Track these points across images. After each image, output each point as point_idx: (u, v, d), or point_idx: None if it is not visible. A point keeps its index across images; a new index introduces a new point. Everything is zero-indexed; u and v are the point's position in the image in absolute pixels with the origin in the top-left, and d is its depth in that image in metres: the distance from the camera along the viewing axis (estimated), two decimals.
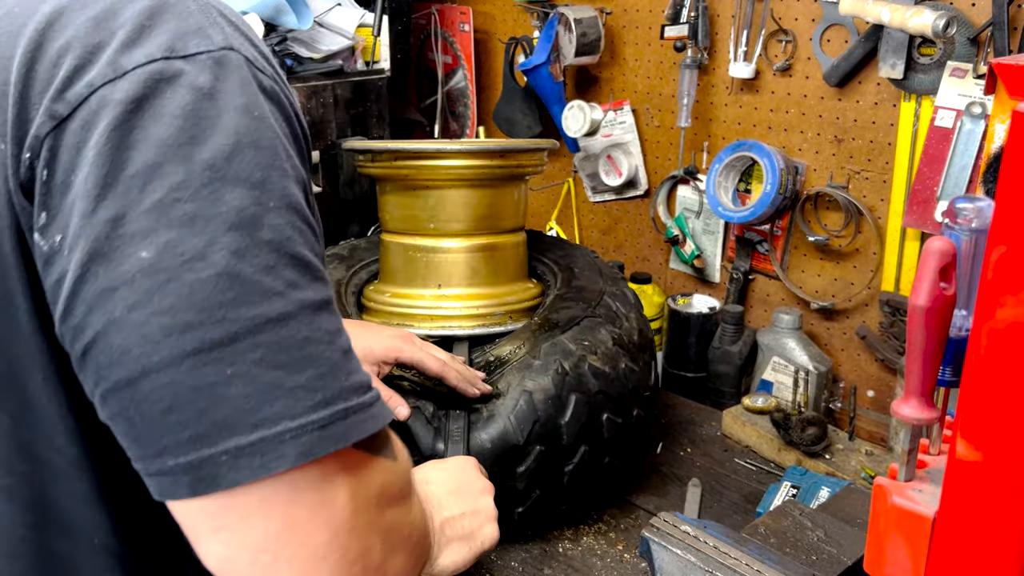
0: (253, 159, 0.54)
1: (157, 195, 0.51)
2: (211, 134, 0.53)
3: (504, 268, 1.34)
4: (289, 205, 0.55)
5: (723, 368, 1.63)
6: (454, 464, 0.91)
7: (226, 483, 0.50)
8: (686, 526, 0.98)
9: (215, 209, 0.51)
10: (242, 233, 0.52)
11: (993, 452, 0.53)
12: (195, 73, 0.53)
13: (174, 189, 0.51)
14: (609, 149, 1.85)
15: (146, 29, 0.54)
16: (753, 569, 0.91)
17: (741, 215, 1.59)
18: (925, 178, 1.37)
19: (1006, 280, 0.50)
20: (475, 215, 1.30)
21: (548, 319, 1.24)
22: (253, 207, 0.53)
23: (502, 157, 1.29)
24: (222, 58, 0.55)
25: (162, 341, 0.50)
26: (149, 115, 0.52)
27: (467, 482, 0.88)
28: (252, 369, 0.51)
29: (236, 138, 0.53)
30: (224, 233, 0.51)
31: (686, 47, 1.62)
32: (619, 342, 1.23)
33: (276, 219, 0.54)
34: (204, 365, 0.50)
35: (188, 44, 0.54)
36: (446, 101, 2.15)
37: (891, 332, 1.50)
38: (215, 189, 0.52)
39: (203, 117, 0.53)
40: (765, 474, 1.39)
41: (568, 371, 1.14)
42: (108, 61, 0.53)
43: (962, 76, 1.31)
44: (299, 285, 0.53)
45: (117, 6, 0.55)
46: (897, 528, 0.60)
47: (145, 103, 0.52)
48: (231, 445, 0.50)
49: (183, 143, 0.52)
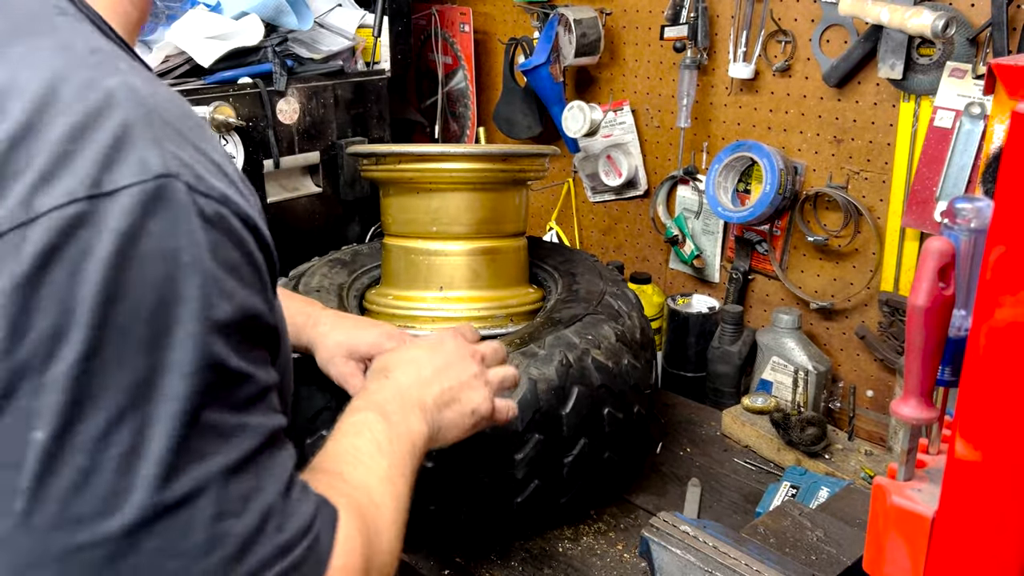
0: (182, 313, 0.48)
1: (58, 368, 0.45)
2: (130, 289, 0.47)
3: (506, 271, 1.35)
4: (209, 365, 0.49)
5: (723, 368, 1.64)
6: (435, 339, 0.92)
7: None
8: (686, 526, 0.98)
9: (123, 380, 0.46)
10: (150, 410, 0.47)
11: (992, 452, 0.53)
12: (120, 215, 0.47)
13: (78, 360, 0.45)
14: (609, 149, 1.85)
15: (70, 155, 0.47)
16: (752, 569, 0.91)
17: (740, 215, 1.59)
18: (924, 178, 1.37)
19: (1005, 280, 0.50)
20: (477, 218, 1.31)
21: (551, 318, 1.25)
22: (163, 378, 0.47)
23: (504, 161, 1.30)
24: (156, 191, 0.48)
25: (49, 533, 0.45)
26: (60, 271, 0.45)
27: (442, 358, 0.89)
28: (153, 560, 0.46)
29: (159, 292, 0.47)
30: (131, 410, 0.46)
31: (686, 47, 1.63)
32: (622, 338, 1.24)
33: (186, 388, 0.48)
34: (97, 561, 0.46)
35: (118, 175, 0.47)
36: (446, 102, 2.15)
37: (890, 332, 1.50)
38: (125, 357, 0.46)
39: (122, 268, 0.46)
40: (764, 474, 1.39)
41: (572, 363, 1.15)
42: (20, 200, 0.46)
43: (961, 76, 1.31)
44: (203, 457, 0.49)
45: (39, 121, 0.48)
46: (896, 528, 0.60)
47: (57, 255, 0.45)
48: None
49: (96, 301, 0.46)
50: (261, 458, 0.53)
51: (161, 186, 0.48)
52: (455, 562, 1.17)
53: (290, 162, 1.63)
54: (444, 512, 1.14)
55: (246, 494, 0.51)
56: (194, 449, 0.48)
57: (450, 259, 1.31)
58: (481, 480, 1.12)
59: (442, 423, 0.85)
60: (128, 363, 0.47)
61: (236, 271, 0.52)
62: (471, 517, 1.15)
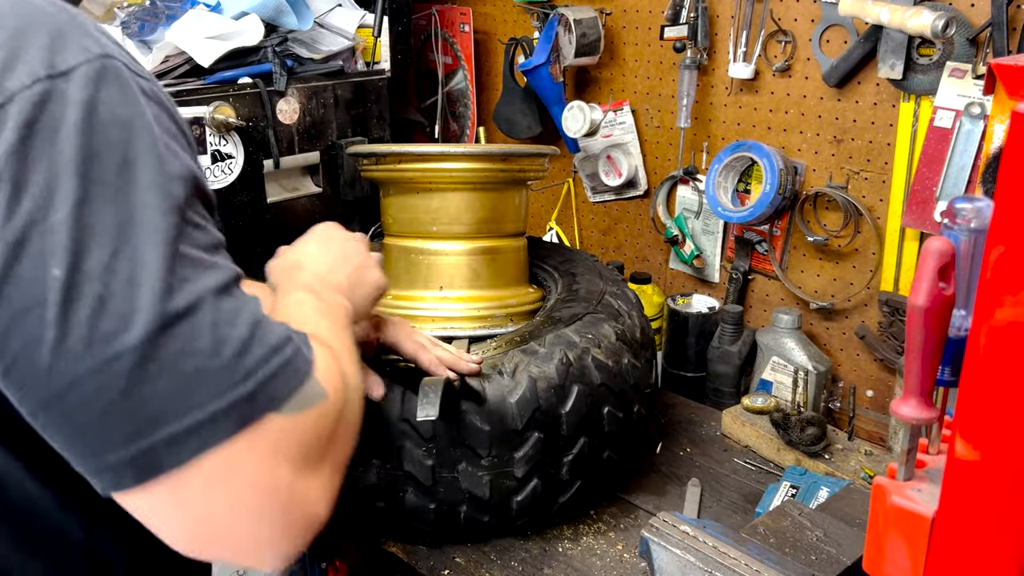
0: (144, 166, 0.57)
1: (59, 214, 0.54)
2: (100, 148, 0.55)
3: (505, 271, 1.35)
4: (175, 207, 0.58)
5: (722, 368, 1.64)
6: (320, 235, 1.00)
7: (167, 466, 0.54)
8: (685, 526, 0.98)
9: (112, 220, 0.55)
10: (138, 242, 0.55)
11: (992, 452, 0.53)
12: (78, 88, 0.56)
13: (74, 207, 0.54)
14: (609, 149, 1.85)
15: (21, 48, 0.56)
16: (752, 569, 0.91)
17: (740, 215, 1.59)
18: (924, 178, 1.37)
19: (1005, 280, 0.50)
20: (477, 218, 1.31)
21: (551, 317, 1.25)
22: (142, 216, 0.56)
23: (504, 161, 1.30)
24: (102, 68, 0.58)
25: (83, 353, 0.53)
26: (41, 137, 0.54)
27: (338, 248, 0.97)
28: (173, 362, 0.54)
29: (123, 150, 0.56)
30: (124, 243, 0.55)
31: (686, 47, 1.63)
32: (622, 338, 1.24)
33: (163, 223, 0.57)
34: (127, 368, 0.53)
35: (69, 56, 0.57)
36: (446, 102, 2.15)
37: (890, 332, 1.50)
38: (109, 202, 0.55)
39: (90, 133, 0.55)
40: (764, 474, 1.39)
41: (572, 362, 1.15)
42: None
43: (961, 76, 1.31)
44: (191, 279, 0.57)
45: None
46: (896, 528, 0.60)
47: (36, 124, 0.54)
48: (166, 434, 0.54)
49: (77, 160, 0.55)
50: (236, 290, 0.61)
51: (105, 64, 0.58)
52: (455, 562, 1.17)
53: (290, 162, 1.63)
54: (444, 512, 1.14)
55: (234, 310, 0.59)
56: (182, 274, 0.56)
57: (450, 259, 1.31)
58: (480, 479, 1.12)
59: (355, 301, 0.93)
60: (112, 206, 0.55)
61: (175, 138, 0.61)
62: (471, 517, 1.15)
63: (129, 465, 0.55)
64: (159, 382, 0.54)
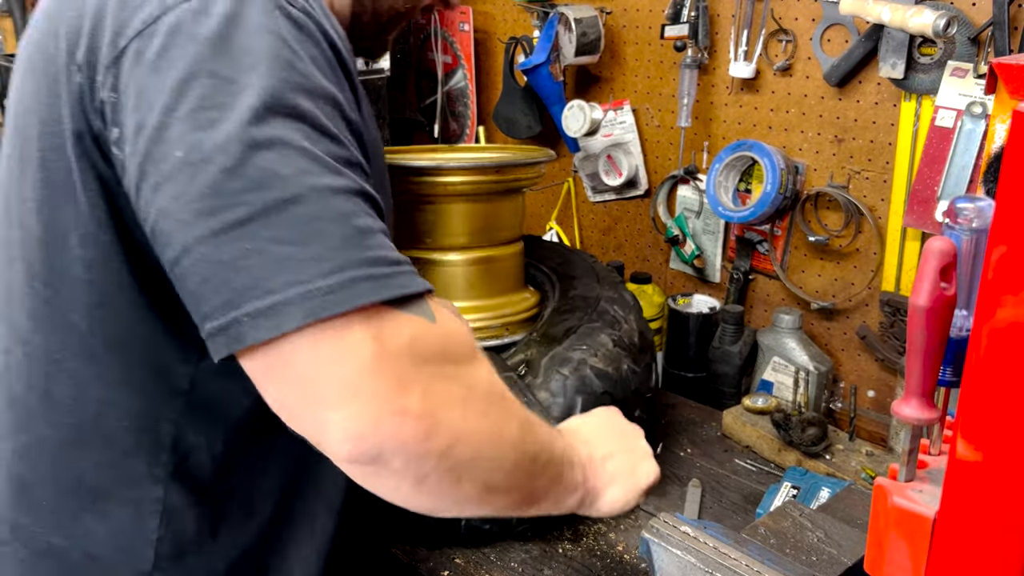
0: (267, 71, 0.62)
1: (189, 105, 0.60)
2: (232, 51, 0.62)
3: (501, 280, 1.33)
4: (302, 114, 0.62)
5: (723, 368, 1.63)
6: (600, 412, 0.95)
7: (250, 339, 0.59)
8: (686, 527, 0.98)
9: (232, 113, 0.60)
10: (254, 129, 0.60)
11: (993, 452, 0.53)
12: (223, 3, 0.63)
13: (200, 99, 0.61)
14: (609, 149, 1.85)
15: None
16: (753, 570, 0.91)
17: (741, 215, 1.59)
18: (925, 178, 1.37)
19: (1006, 280, 0.50)
20: (472, 229, 1.29)
21: (546, 334, 1.23)
22: (265, 111, 0.61)
23: (498, 172, 1.28)
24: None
25: (194, 223, 0.59)
26: (185, 40, 0.62)
27: (617, 425, 0.93)
28: (266, 244, 0.59)
29: (254, 55, 0.62)
30: (238, 130, 0.60)
31: (686, 47, 1.62)
32: (620, 344, 1.23)
33: (288, 123, 0.61)
34: (226, 242, 0.59)
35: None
36: (446, 101, 2.15)
37: (891, 332, 1.50)
38: (234, 97, 0.61)
39: (226, 38, 0.62)
40: (765, 474, 1.39)
41: (568, 375, 1.14)
42: (158, 1, 0.64)
43: (962, 76, 1.31)
44: (310, 172, 0.61)
45: None
46: (897, 528, 0.60)
47: (182, 31, 0.62)
48: (251, 308, 0.58)
49: (208, 59, 0.61)
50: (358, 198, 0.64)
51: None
52: (455, 563, 1.17)
53: None
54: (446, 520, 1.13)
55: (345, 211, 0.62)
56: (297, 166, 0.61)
57: (445, 270, 1.30)
58: None
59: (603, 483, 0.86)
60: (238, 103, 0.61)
61: (315, 61, 0.66)
62: (472, 525, 1.15)
63: (221, 334, 0.60)
64: (251, 260, 0.58)
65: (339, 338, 0.59)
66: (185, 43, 0.62)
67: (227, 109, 0.60)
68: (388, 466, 0.60)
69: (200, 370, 0.75)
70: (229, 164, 0.59)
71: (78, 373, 0.73)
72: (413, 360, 0.61)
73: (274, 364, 0.60)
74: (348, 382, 0.58)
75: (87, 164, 0.67)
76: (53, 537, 0.76)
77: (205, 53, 0.61)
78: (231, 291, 0.58)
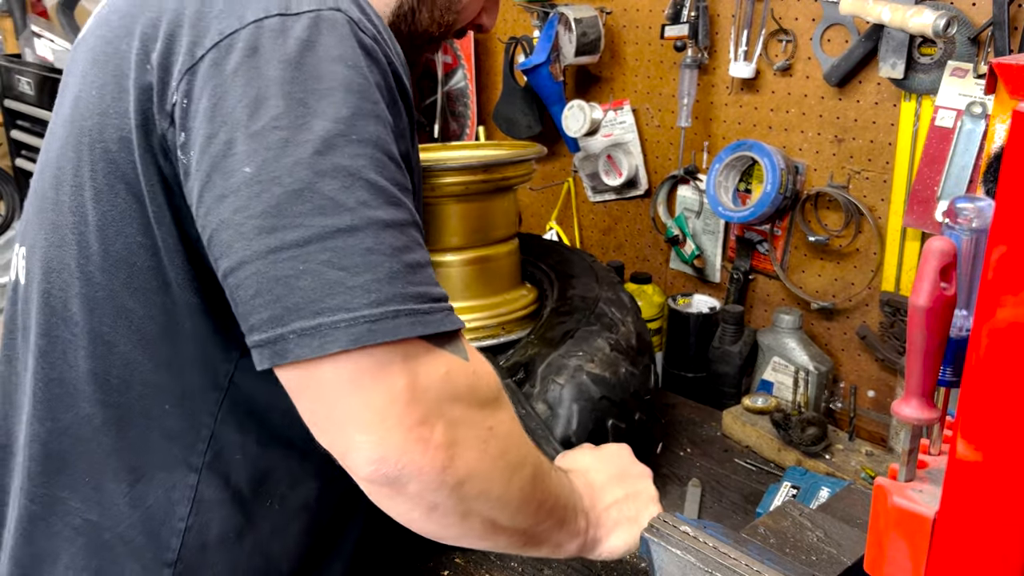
0: (342, 99, 0.64)
1: (260, 123, 0.63)
2: (307, 77, 0.64)
3: (496, 279, 1.33)
4: (370, 140, 0.65)
5: (723, 368, 1.63)
6: (610, 451, 0.95)
7: (292, 356, 0.61)
8: (686, 526, 0.98)
9: (304, 136, 0.63)
10: (323, 157, 0.62)
11: (993, 452, 0.53)
12: (301, 28, 0.65)
13: (273, 119, 0.63)
14: (609, 149, 1.85)
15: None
16: (753, 569, 0.91)
17: (741, 215, 1.59)
18: (925, 178, 1.37)
19: (1006, 280, 0.50)
20: (464, 229, 1.28)
21: (544, 336, 1.23)
22: (336, 137, 0.63)
23: (486, 172, 1.26)
24: (327, 16, 0.67)
25: (254, 239, 0.62)
26: (261, 59, 0.64)
27: (625, 467, 0.93)
28: (319, 268, 0.61)
29: (328, 82, 0.64)
30: (308, 156, 0.62)
31: (686, 47, 1.62)
32: (617, 347, 1.22)
33: (356, 149, 0.64)
34: (282, 260, 0.61)
35: (302, 3, 0.67)
36: (446, 101, 2.15)
37: (891, 332, 1.50)
38: (306, 121, 0.63)
39: (303, 63, 0.64)
40: (765, 474, 1.39)
41: (564, 384, 1.14)
42: (237, 15, 0.66)
43: (962, 76, 1.31)
44: (370, 204, 0.63)
45: None
46: (897, 528, 0.60)
47: (260, 50, 0.64)
48: (297, 326, 0.61)
49: (284, 82, 0.64)
50: (415, 232, 0.67)
51: (333, 16, 0.67)
52: (455, 563, 1.17)
53: None
54: None
55: (397, 246, 0.64)
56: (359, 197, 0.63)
57: (439, 271, 1.29)
58: None
59: (606, 526, 0.87)
60: (310, 127, 0.63)
61: (380, 88, 0.69)
62: None
63: (267, 347, 0.62)
64: (303, 280, 0.61)
65: (377, 366, 0.62)
66: (262, 62, 0.64)
67: (298, 132, 0.62)
68: (404, 491, 0.64)
69: (239, 368, 0.77)
70: (295, 187, 0.61)
71: (128, 355, 0.75)
72: (442, 395, 0.65)
73: (311, 381, 0.63)
74: (379, 408, 0.62)
75: (150, 159, 0.69)
76: (90, 514, 0.78)
77: (281, 75, 0.63)
78: (281, 308, 0.61)
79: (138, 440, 0.77)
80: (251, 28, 0.65)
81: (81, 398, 0.77)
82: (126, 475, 0.78)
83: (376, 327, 0.61)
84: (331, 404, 0.63)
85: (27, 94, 2.41)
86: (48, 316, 0.77)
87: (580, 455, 0.94)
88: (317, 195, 0.62)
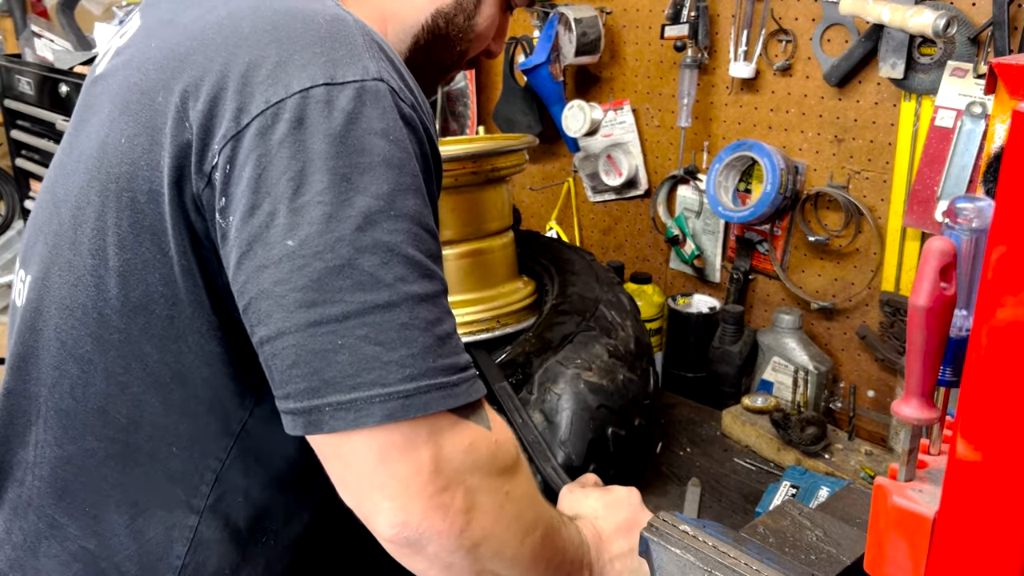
0: (383, 175, 0.65)
1: (304, 198, 0.64)
2: (351, 152, 0.65)
3: (492, 271, 1.32)
4: (408, 214, 0.66)
5: (723, 368, 1.63)
6: (619, 495, 0.95)
7: (327, 428, 0.64)
8: (685, 526, 0.98)
9: (346, 212, 0.64)
10: (364, 233, 0.64)
11: (993, 452, 0.53)
12: (346, 99, 0.66)
13: (317, 194, 0.64)
14: (609, 149, 1.85)
15: (316, 56, 0.67)
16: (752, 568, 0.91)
17: (741, 215, 1.59)
18: (925, 178, 1.37)
19: (1006, 280, 0.50)
20: (457, 221, 1.28)
21: (542, 337, 1.23)
22: (377, 214, 0.64)
23: (475, 162, 1.26)
24: (372, 88, 0.67)
25: (294, 311, 0.63)
26: (307, 131, 0.64)
27: (633, 516, 0.94)
28: (357, 343, 0.63)
29: (371, 157, 0.65)
30: (350, 232, 0.63)
31: (686, 47, 1.62)
32: (615, 354, 1.21)
33: (395, 224, 0.65)
34: (321, 334, 0.63)
35: (347, 73, 0.67)
36: (446, 101, 2.15)
37: (891, 332, 1.50)
38: (349, 197, 0.64)
39: (347, 137, 0.65)
40: (764, 474, 1.39)
41: (561, 394, 1.13)
42: (284, 83, 0.66)
43: (962, 76, 1.31)
44: (407, 280, 0.65)
45: (297, 29, 0.68)
46: (897, 528, 0.60)
47: (306, 121, 0.65)
48: (334, 400, 0.63)
49: (328, 157, 0.64)
50: (444, 302, 0.69)
51: (377, 87, 0.67)
52: None
53: None
54: None
55: (431, 319, 0.67)
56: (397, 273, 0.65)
57: None
58: None
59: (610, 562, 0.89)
60: (352, 203, 0.64)
61: (418, 158, 0.70)
62: None
63: (301, 416, 0.64)
64: (341, 355, 0.63)
65: (406, 440, 0.64)
66: (308, 135, 0.64)
67: (341, 207, 0.63)
68: (423, 552, 0.67)
69: (253, 415, 0.78)
70: (337, 263, 0.63)
71: (139, 397, 0.76)
72: (464, 466, 0.68)
73: (342, 449, 0.65)
74: (404, 478, 0.65)
75: (181, 215, 0.70)
76: (88, 542, 0.79)
77: (326, 149, 0.64)
78: (319, 380, 0.63)
79: (142, 478, 0.78)
80: (297, 98, 0.65)
81: (88, 432, 0.77)
82: (127, 508, 0.78)
83: (409, 402, 0.63)
84: (359, 472, 0.65)
85: (27, 94, 2.41)
86: (59, 350, 0.77)
87: (588, 498, 0.95)
88: (357, 271, 0.63)
